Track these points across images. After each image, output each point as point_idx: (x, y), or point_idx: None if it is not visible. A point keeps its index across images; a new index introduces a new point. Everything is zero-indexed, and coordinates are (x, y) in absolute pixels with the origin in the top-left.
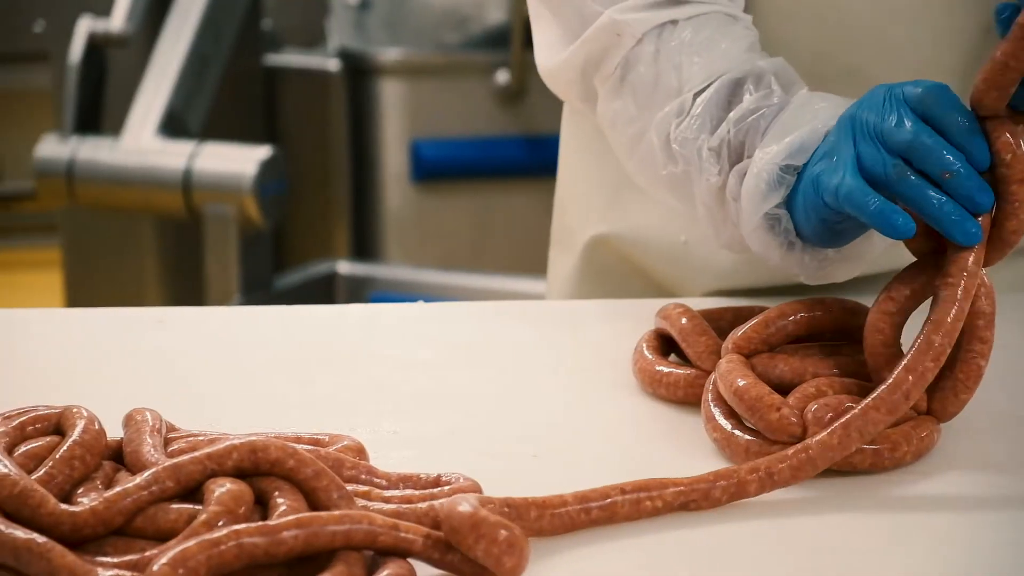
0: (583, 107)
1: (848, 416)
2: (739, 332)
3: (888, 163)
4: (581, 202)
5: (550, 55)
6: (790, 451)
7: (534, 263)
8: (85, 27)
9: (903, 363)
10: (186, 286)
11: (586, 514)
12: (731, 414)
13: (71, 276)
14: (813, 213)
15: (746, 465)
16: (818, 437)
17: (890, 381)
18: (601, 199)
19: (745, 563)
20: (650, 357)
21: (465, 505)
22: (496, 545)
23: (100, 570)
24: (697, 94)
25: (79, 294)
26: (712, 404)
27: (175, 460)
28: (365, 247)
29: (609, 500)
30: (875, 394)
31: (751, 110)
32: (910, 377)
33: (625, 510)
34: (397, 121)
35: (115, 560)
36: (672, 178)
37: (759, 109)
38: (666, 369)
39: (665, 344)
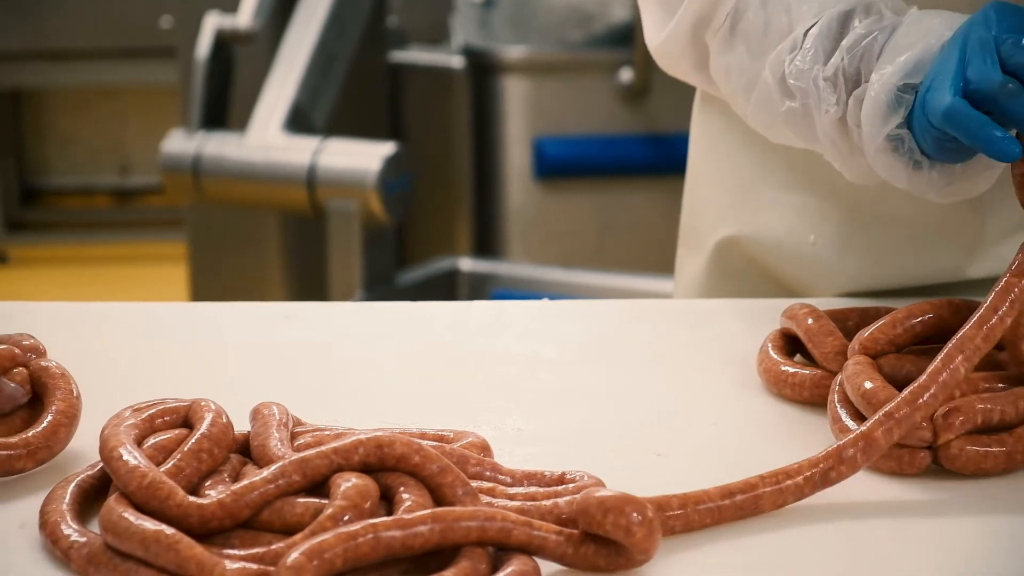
0: (698, 79)
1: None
2: (866, 333)
3: (998, 80)
4: (710, 204)
5: (659, 31)
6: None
7: (655, 262)
8: (212, 23)
9: None
10: (309, 281)
11: (732, 504)
12: (857, 415)
13: (196, 270)
14: (927, 133)
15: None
16: None
17: None
18: (730, 201)
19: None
20: (776, 357)
21: (597, 490)
22: (623, 516)
23: (227, 562)
24: (808, 30)
25: (204, 288)
26: (838, 405)
27: (302, 454)
28: (487, 244)
29: (752, 491)
30: None
31: (863, 35)
32: None
33: (770, 497)
34: (520, 119)
35: (241, 553)
36: (791, 114)
37: (871, 33)
38: (791, 369)
39: (791, 344)
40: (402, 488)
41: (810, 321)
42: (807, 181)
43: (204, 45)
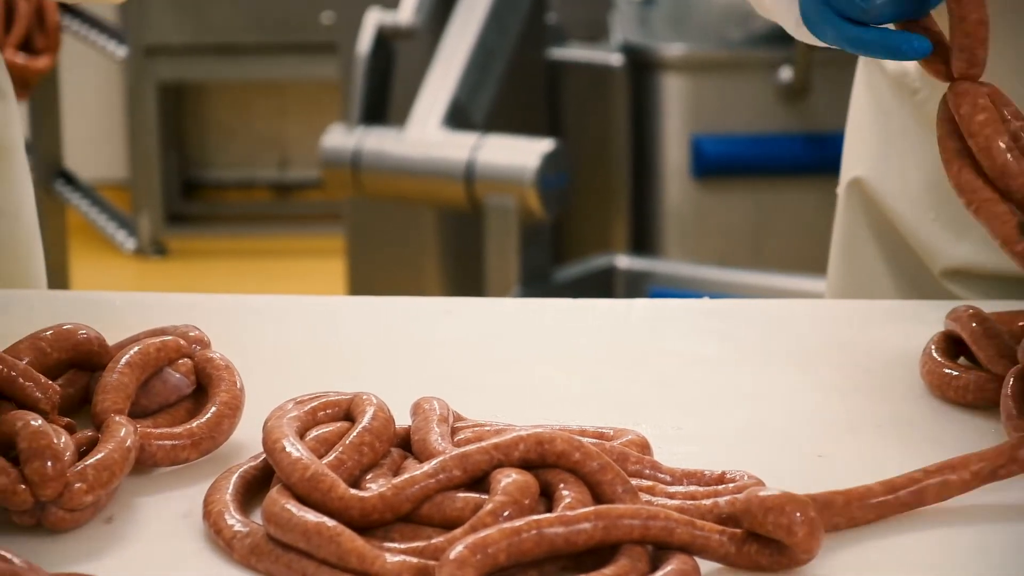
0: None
1: None
2: None
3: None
4: (851, 150)
5: None
6: None
7: (813, 262)
8: (374, 19)
9: None
10: (466, 277)
11: (895, 499)
12: None
13: (354, 264)
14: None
15: None
16: None
17: None
18: (871, 147)
19: None
20: (939, 359)
21: (759, 489)
22: (785, 516)
23: (387, 555)
24: None
25: (361, 282)
26: (1012, 402)
27: (463, 449)
28: (644, 242)
29: (916, 484)
30: None
31: None
32: None
33: (934, 490)
34: (678, 116)
35: (401, 546)
36: None
37: None
38: (955, 372)
39: (954, 346)
40: (562, 485)
41: (975, 324)
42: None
43: (365, 41)
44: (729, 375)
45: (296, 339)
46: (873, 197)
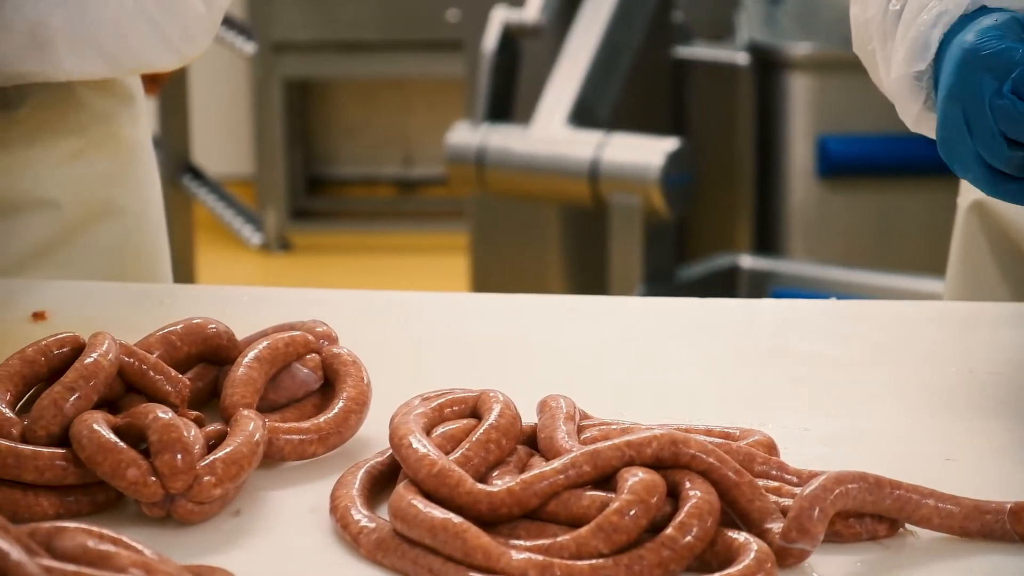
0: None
1: None
2: None
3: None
4: None
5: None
6: None
7: (940, 264)
8: (500, 17)
9: None
10: (589, 275)
11: None
12: None
13: (478, 261)
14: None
15: None
16: None
17: None
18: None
19: None
20: None
21: None
22: None
23: (512, 552)
24: None
25: (484, 279)
26: None
27: (593, 446)
28: (768, 242)
29: None
30: None
31: None
32: None
33: None
34: (804, 116)
35: (527, 544)
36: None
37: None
38: None
39: None
40: (688, 485)
41: None
42: None
43: (491, 38)
44: (856, 376)
45: (422, 335)
46: (992, 217)
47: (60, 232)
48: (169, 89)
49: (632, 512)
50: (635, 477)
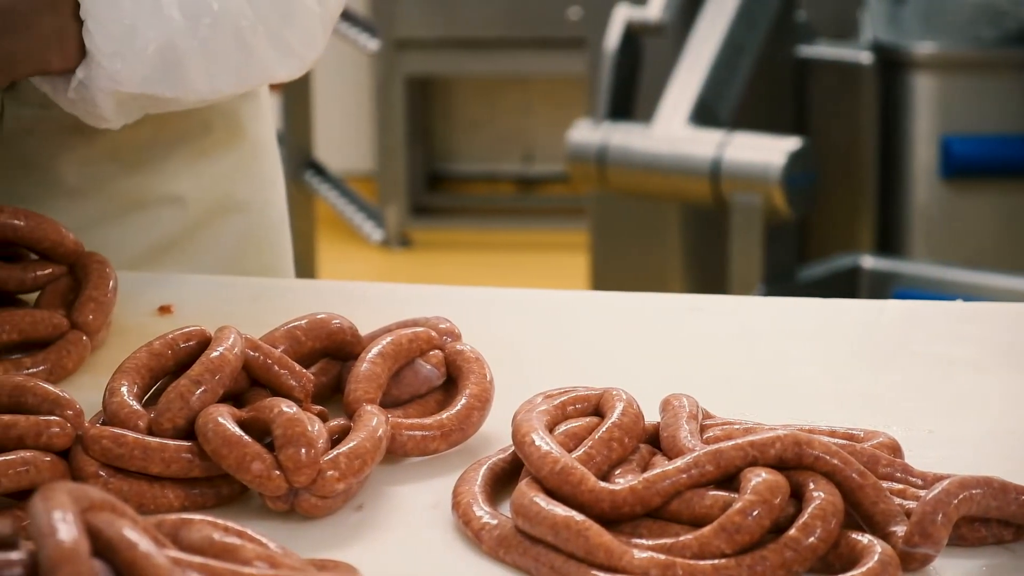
0: None
1: None
2: None
3: None
4: None
5: None
6: None
7: None
8: (622, 15)
9: None
10: (709, 274)
11: None
12: None
13: (598, 259)
14: None
15: None
16: None
17: None
18: None
19: None
20: None
21: None
22: None
23: (634, 551)
24: None
25: (604, 277)
26: None
27: (717, 446)
28: (890, 242)
29: None
30: None
31: None
32: None
33: None
34: (928, 116)
35: (649, 543)
36: None
37: None
38: None
39: None
40: (812, 486)
41: None
42: None
43: (613, 36)
44: (982, 378)
45: (544, 333)
46: None
47: (184, 227)
48: (292, 86)
49: (755, 512)
50: (758, 477)
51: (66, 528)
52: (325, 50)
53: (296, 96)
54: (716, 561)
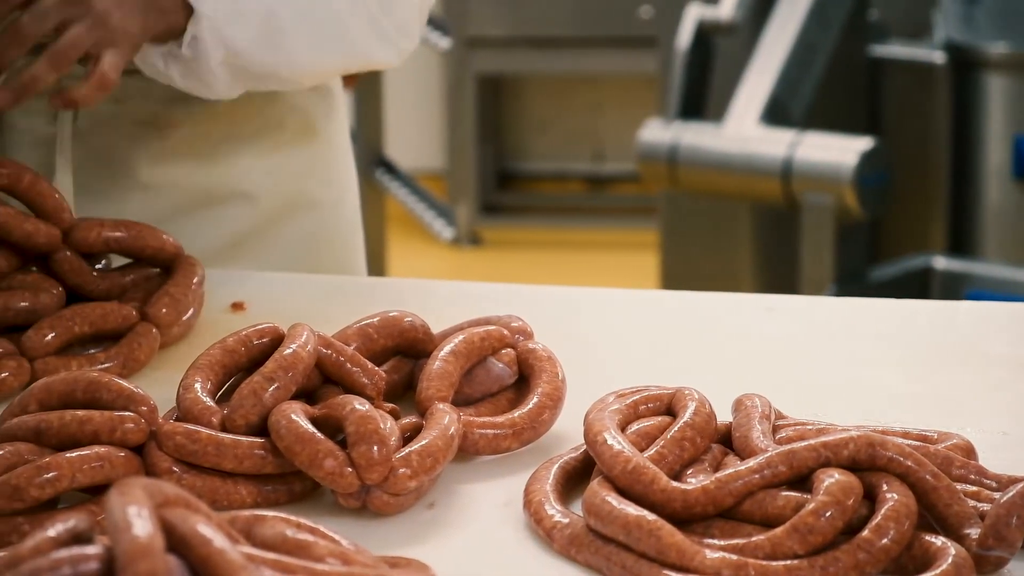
0: None
1: None
2: None
3: None
4: None
5: None
6: None
7: None
8: (694, 14)
9: None
10: (779, 274)
11: None
12: None
13: (667, 258)
14: None
15: None
16: None
17: None
18: None
19: None
20: None
21: None
22: None
23: (706, 551)
24: None
25: (674, 277)
26: None
27: (789, 446)
28: (962, 243)
29: None
30: None
31: None
32: None
33: None
34: (1001, 116)
35: (721, 543)
36: None
37: None
38: None
39: None
40: (886, 487)
41: None
42: None
43: (685, 35)
44: None
45: (616, 332)
46: None
47: (257, 224)
48: (364, 83)
49: (828, 513)
50: (831, 478)
51: (142, 523)
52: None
53: (367, 94)
54: (788, 562)
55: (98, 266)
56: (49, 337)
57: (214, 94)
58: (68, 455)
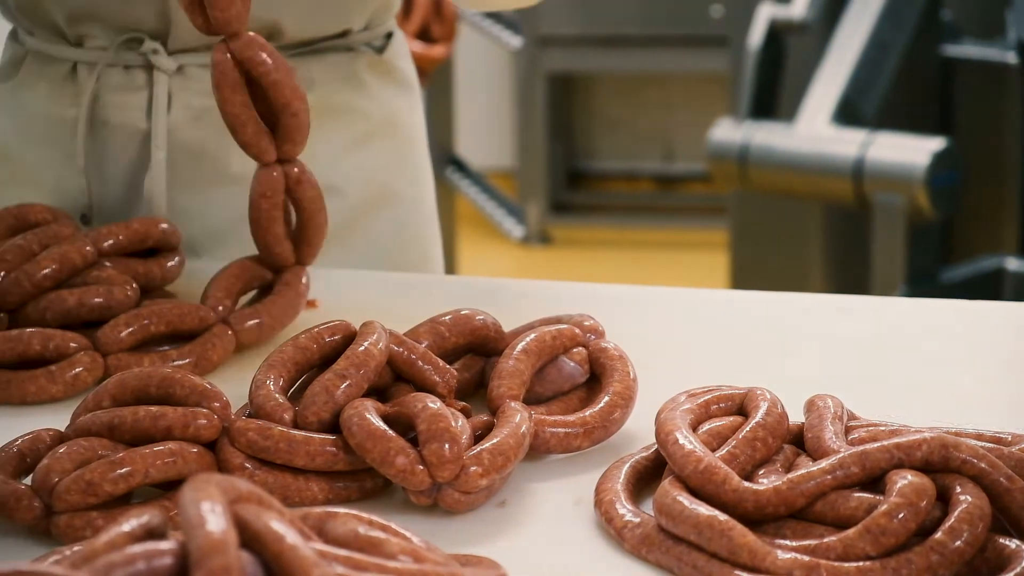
0: None
1: None
2: None
3: None
4: None
5: None
6: None
7: None
8: (766, 14)
9: None
10: (850, 274)
11: None
12: None
13: (737, 258)
14: None
15: None
16: None
17: None
18: None
19: None
20: None
21: None
22: None
23: (778, 552)
24: None
25: (744, 276)
26: None
27: (862, 447)
28: None
29: None
30: None
31: None
32: None
33: None
34: None
35: (793, 544)
36: None
37: None
38: None
39: None
40: (959, 489)
41: None
42: None
43: (757, 35)
44: None
45: (687, 331)
46: None
47: (344, 217)
48: (436, 82)
49: (901, 515)
50: (904, 480)
51: (215, 519)
52: (467, 46)
53: (439, 93)
54: (861, 563)
55: (170, 263)
56: (124, 333)
57: None
58: (141, 450)
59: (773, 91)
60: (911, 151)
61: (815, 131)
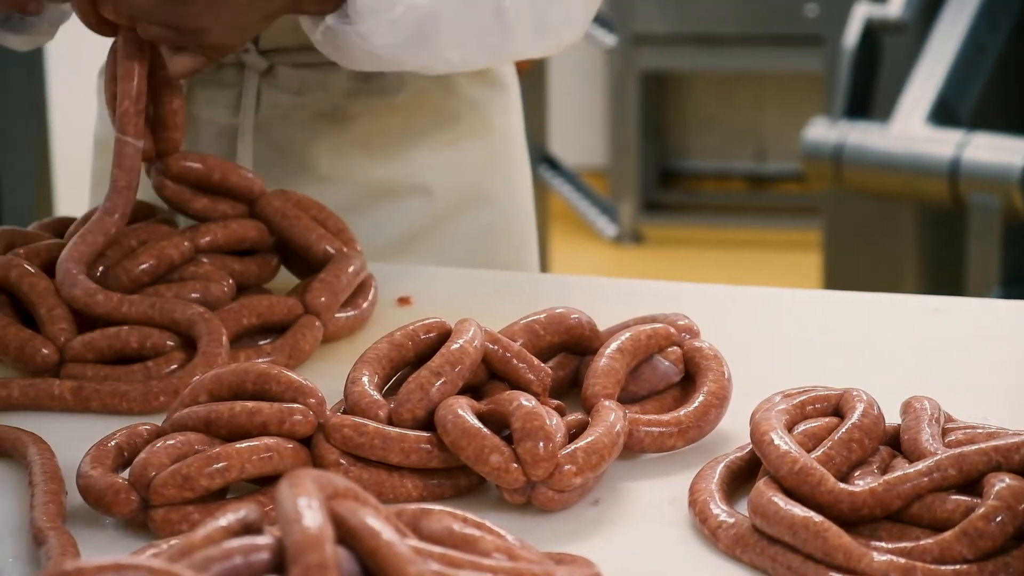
0: None
1: None
2: None
3: None
4: None
5: None
6: None
7: None
8: (862, 12)
9: None
10: (944, 275)
11: None
12: None
13: (831, 258)
14: None
15: None
16: None
17: None
18: None
19: None
20: None
21: None
22: None
23: (874, 554)
24: None
25: (837, 277)
26: None
27: (959, 450)
28: None
29: None
30: None
31: None
32: None
33: None
34: None
35: (888, 546)
36: None
37: None
38: None
39: None
40: None
41: None
42: None
43: (852, 34)
44: None
45: (780, 331)
46: None
47: (432, 218)
48: (529, 79)
49: (999, 518)
50: (1002, 483)
51: (312, 515)
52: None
53: (531, 90)
54: (957, 566)
55: (267, 262)
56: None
57: (347, 67)
58: (237, 446)
59: (868, 90)
60: (1007, 152)
61: (910, 131)
